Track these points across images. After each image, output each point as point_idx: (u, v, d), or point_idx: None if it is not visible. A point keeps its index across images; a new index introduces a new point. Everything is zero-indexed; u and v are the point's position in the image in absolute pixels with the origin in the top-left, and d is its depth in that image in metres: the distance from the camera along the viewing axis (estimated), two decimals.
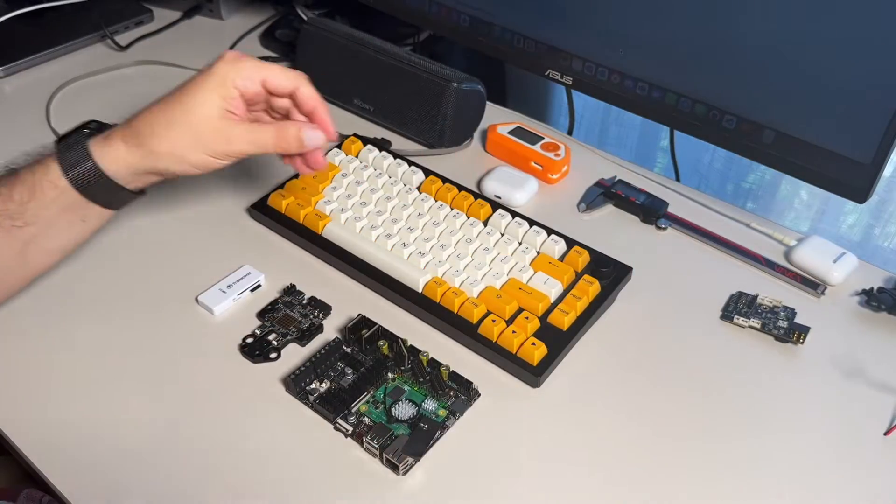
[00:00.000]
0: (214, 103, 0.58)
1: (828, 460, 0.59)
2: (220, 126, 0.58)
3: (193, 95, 0.58)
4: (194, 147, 0.59)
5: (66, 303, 0.69)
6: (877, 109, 0.63)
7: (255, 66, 0.60)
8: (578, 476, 0.57)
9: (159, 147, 0.59)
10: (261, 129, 0.60)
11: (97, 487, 0.56)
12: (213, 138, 0.59)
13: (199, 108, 0.58)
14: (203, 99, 0.58)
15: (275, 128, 0.60)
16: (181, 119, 0.58)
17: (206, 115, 0.58)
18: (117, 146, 0.59)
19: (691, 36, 0.71)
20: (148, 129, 0.59)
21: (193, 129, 0.58)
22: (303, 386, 0.61)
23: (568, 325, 0.65)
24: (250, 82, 0.59)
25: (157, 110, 0.59)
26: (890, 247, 1.09)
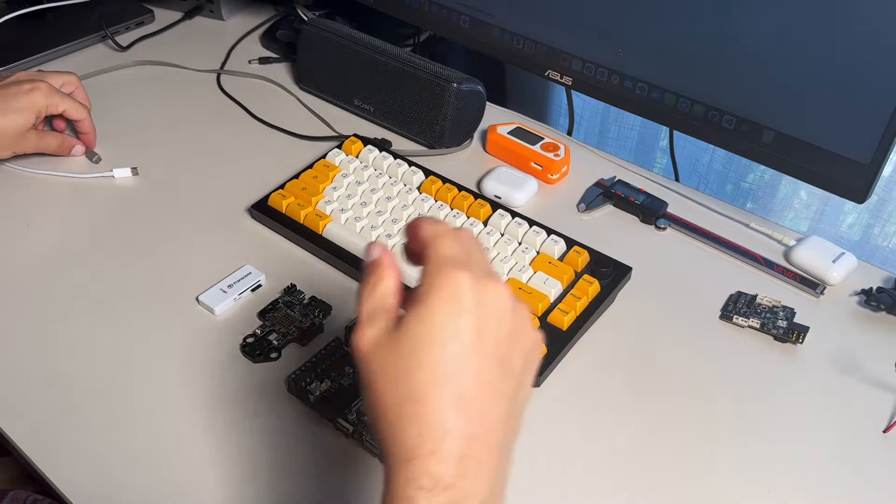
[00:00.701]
0: (30, 123, 0.79)
1: (827, 459, 0.59)
2: (26, 134, 0.79)
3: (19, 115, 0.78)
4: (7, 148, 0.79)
5: (67, 303, 0.69)
6: (876, 109, 0.64)
7: (61, 99, 0.80)
8: (578, 475, 0.58)
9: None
10: (49, 137, 0.82)
11: (97, 487, 0.56)
12: (20, 143, 0.80)
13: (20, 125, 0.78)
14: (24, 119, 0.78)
15: (59, 140, 0.83)
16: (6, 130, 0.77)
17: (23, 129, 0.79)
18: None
19: (691, 36, 0.71)
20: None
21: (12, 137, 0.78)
22: (303, 385, 0.62)
23: (567, 325, 0.65)
24: (55, 109, 0.80)
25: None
26: (889, 247, 1.10)
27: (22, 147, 0.80)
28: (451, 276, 0.39)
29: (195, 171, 0.84)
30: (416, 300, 0.39)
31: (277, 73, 1.00)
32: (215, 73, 0.98)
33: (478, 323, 0.38)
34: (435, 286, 0.39)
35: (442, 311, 0.38)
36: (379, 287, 0.41)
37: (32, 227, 0.76)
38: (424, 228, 0.42)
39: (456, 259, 0.40)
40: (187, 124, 0.90)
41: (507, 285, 0.40)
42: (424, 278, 0.40)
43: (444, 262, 0.40)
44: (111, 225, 0.77)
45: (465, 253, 0.41)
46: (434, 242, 0.41)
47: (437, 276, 0.39)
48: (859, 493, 0.57)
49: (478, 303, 0.38)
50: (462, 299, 0.38)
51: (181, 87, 0.96)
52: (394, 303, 0.41)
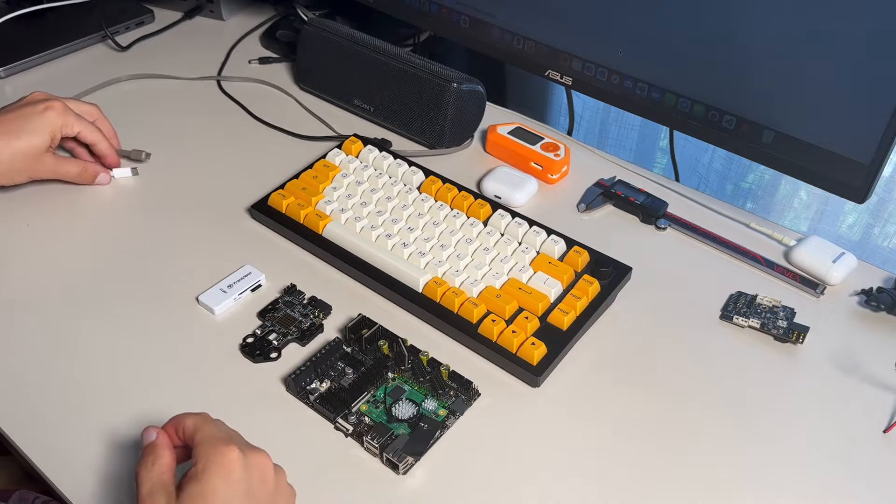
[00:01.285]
0: (45, 144, 0.75)
1: (827, 459, 0.59)
2: (42, 158, 0.76)
3: (33, 136, 0.74)
4: (23, 172, 0.76)
5: (67, 303, 0.69)
6: (876, 109, 0.64)
7: (76, 120, 0.77)
8: (578, 475, 0.58)
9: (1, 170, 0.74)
10: (68, 164, 0.78)
11: (97, 487, 0.56)
12: (37, 167, 0.76)
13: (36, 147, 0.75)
14: (39, 141, 0.75)
15: (80, 166, 0.79)
16: (21, 153, 0.74)
17: (39, 152, 0.75)
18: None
19: (691, 36, 0.71)
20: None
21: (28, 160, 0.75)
22: (303, 385, 0.62)
23: (568, 325, 0.65)
24: (71, 131, 0.77)
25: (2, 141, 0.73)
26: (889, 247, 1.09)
27: (38, 171, 0.76)
28: (223, 451, 0.47)
29: (195, 171, 0.84)
30: (193, 476, 0.46)
31: (277, 73, 1.00)
32: (215, 73, 0.98)
33: (248, 486, 0.47)
34: (211, 461, 0.46)
35: (217, 481, 0.46)
36: (156, 466, 0.48)
37: (32, 227, 0.76)
38: (185, 421, 0.50)
39: (223, 437, 0.48)
40: (187, 124, 0.90)
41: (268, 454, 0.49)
42: (198, 457, 0.47)
43: (214, 441, 0.48)
44: (111, 225, 0.77)
45: (227, 433, 0.50)
46: (200, 428, 0.49)
47: (210, 454, 0.47)
48: (859, 493, 0.57)
49: (246, 470, 0.47)
50: (233, 469, 0.46)
51: (181, 87, 0.96)
52: (171, 478, 0.48)
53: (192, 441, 0.49)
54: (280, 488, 0.50)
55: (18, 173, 0.75)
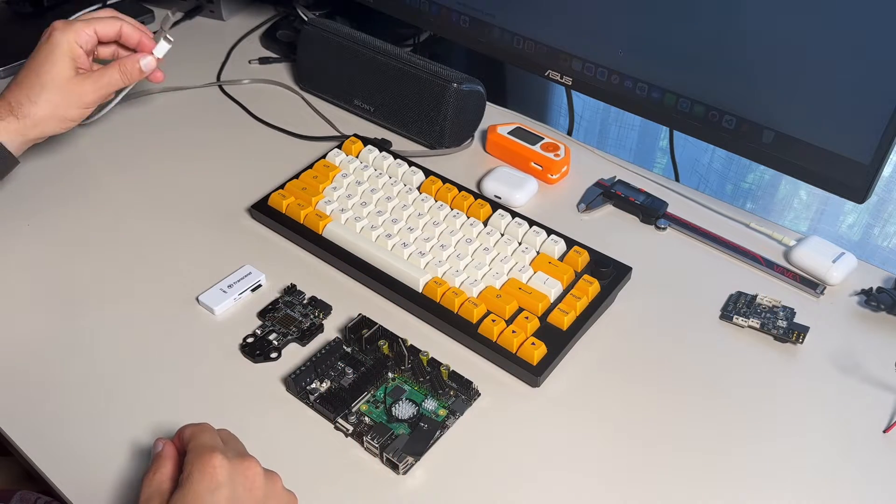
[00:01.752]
0: (68, 65, 0.70)
1: (827, 459, 0.59)
2: (77, 81, 0.71)
3: (52, 64, 0.69)
4: (68, 105, 0.70)
5: (67, 302, 0.69)
6: (875, 109, 0.64)
7: (85, 23, 0.71)
8: (578, 475, 0.58)
9: (41, 111, 0.70)
10: (106, 72, 0.72)
11: (97, 487, 0.56)
12: (79, 93, 0.71)
13: (60, 73, 0.70)
14: (61, 65, 0.70)
15: (116, 67, 0.73)
16: (50, 85, 0.70)
17: (66, 78, 0.70)
18: (7, 120, 0.70)
19: (691, 36, 0.71)
20: (26, 99, 0.69)
21: (62, 90, 0.70)
22: (303, 385, 0.62)
23: (568, 325, 0.66)
24: (87, 37, 0.72)
25: (26, 84, 0.70)
26: (889, 247, 1.09)
27: (84, 97, 0.71)
28: (207, 458, 0.48)
29: (195, 171, 0.84)
30: (180, 483, 0.48)
31: (277, 73, 1.00)
32: (215, 73, 0.98)
33: (232, 492, 0.47)
34: (195, 468, 0.48)
35: (201, 488, 0.47)
36: (157, 475, 0.50)
37: (32, 227, 0.76)
38: (186, 431, 0.52)
39: (211, 445, 0.49)
40: (187, 124, 0.90)
41: (258, 462, 0.50)
42: (185, 465, 0.49)
43: (201, 449, 0.49)
44: (111, 224, 0.77)
45: (220, 441, 0.51)
46: (194, 437, 0.51)
47: (195, 461, 0.48)
48: (859, 493, 0.57)
49: (231, 477, 0.48)
50: (217, 475, 0.47)
51: (181, 88, 0.96)
52: (169, 487, 0.49)
53: (186, 450, 0.50)
54: (273, 494, 0.50)
55: (65, 108, 0.71)
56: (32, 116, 0.70)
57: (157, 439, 0.53)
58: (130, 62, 0.73)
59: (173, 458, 0.51)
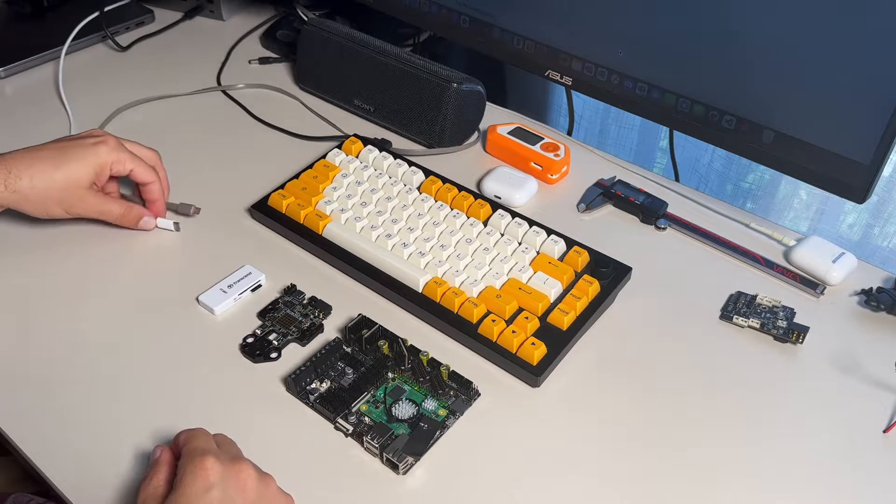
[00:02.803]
0: (89, 178, 0.70)
1: (827, 459, 0.59)
2: (83, 194, 0.70)
3: (76, 167, 0.69)
4: (59, 205, 0.70)
5: (67, 302, 0.69)
6: (875, 109, 0.64)
7: (130, 159, 0.72)
8: (578, 475, 0.58)
9: (33, 197, 0.68)
10: (111, 206, 0.73)
11: (97, 487, 0.56)
12: (76, 203, 0.70)
13: (77, 179, 0.69)
14: (83, 173, 0.69)
15: (123, 208, 0.73)
16: (60, 183, 0.69)
17: (79, 185, 0.69)
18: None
19: (691, 36, 0.71)
20: (28, 181, 0.67)
21: (66, 192, 0.69)
22: (303, 385, 0.62)
23: (567, 325, 0.65)
24: (122, 170, 0.72)
25: (38, 166, 0.68)
26: (889, 247, 1.09)
27: (76, 206, 0.70)
28: (199, 461, 0.49)
29: (195, 171, 0.84)
30: (174, 487, 0.49)
31: (277, 74, 1.00)
32: (215, 74, 0.98)
33: (224, 494, 0.48)
34: (187, 471, 0.48)
35: (192, 490, 0.47)
36: (153, 479, 0.51)
37: (31, 226, 0.76)
38: (181, 436, 0.53)
39: (204, 448, 0.50)
40: (187, 124, 0.90)
41: (252, 465, 0.50)
42: (179, 469, 0.50)
43: (194, 452, 0.50)
44: (110, 224, 0.77)
45: (214, 444, 0.52)
46: (188, 441, 0.51)
47: (188, 464, 0.49)
48: (859, 493, 0.57)
49: (223, 479, 0.48)
50: (209, 477, 0.48)
51: (181, 88, 0.96)
52: (164, 491, 0.50)
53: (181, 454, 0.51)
54: (267, 496, 0.50)
55: (55, 205, 0.69)
56: (21, 194, 0.67)
57: (155, 446, 0.54)
58: (136, 213, 0.74)
59: (169, 463, 0.52)
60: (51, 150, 0.69)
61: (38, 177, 0.68)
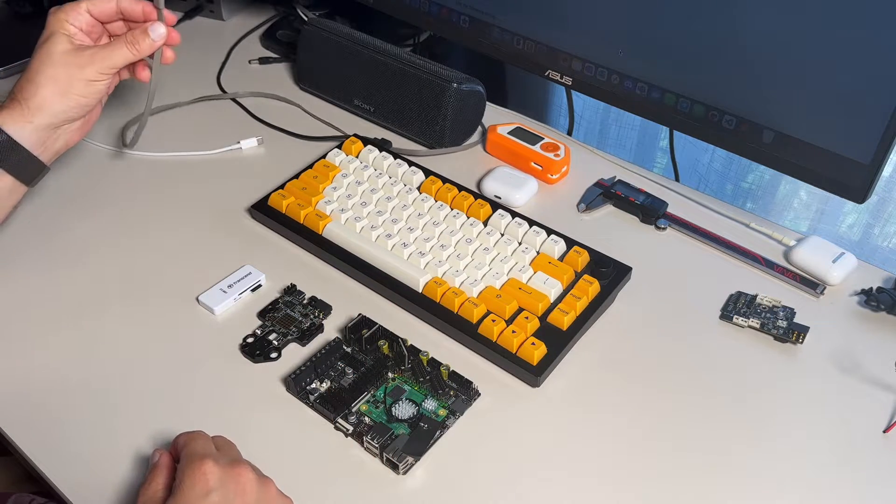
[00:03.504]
0: (62, 41, 0.64)
1: (827, 459, 0.59)
2: (74, 52, 0.65)
3: (45, 43, 0.65)
4: (68, 78, 0.64)
5: (68, 303, 0.69)
6: (876, 109, 0.64)
7: (75, 3, 0.66)
8: (578, 475, 0.58)
9: (45, 93, 0.64)
10: (109, 44, 0.66)
11: (97, 487, 0.56)
12: (77, 64, 0.64)
13: (54, 49, 0.64)
14: (53, 42, 0.64)
15: (121, 38, 0.67)
16: (46, 61, 0.64)
17: (60, 51, 0.64)
18: (15, 118, 0.64)
19: (691, 36, 0.71)
20: (27, 83, 0.65)
21: (58, 63, 0.64)
22: (303, 385, 0.62)
23: (568, 325, 0.65)
24: (79, 15, 0.66)
25: (26, 73, 0.65)
26: (889, 247, 1.09)
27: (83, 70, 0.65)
28: (198, 464, 0.49)
29: (195, 171, 0.84)
30: (173, 490, 0.49)
31: (277, 74, 1.00)
32: (215, 74, 0.98)
33: (223, 497, 0.48)
34: (186, 475, 0.49)
35: (192, 494, 0.47)
36: (153, 484, 0.51)
37: (32, 229, 0.76)
38: (180, 439, 0.53)
39: (203, 452, 0.50)
40: (187, 124, 0.90)
41: (251, 468, 0.50)
42: (178, 473, 0.50)
43: (193, 455, 0.50)
44: (111, 225, 0.77)
45: (213, 448, 0.52)
46: (186, 445, 0.52)
47: (187, 468, 0.49)
48: (859, 493, 0.57)
49: (222, 482, 0.48)
50: (208, 481, 0.48)
51: (181, 88, 0.96)
52: (163, 496, 0.50)
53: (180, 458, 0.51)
54: (266, 499, 0.50)
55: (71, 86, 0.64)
56: (36, 97, 0.64)
57: (154, 450, 0.54)
58: (137, 31, 0.66)
59: (168, 467, 0.52)
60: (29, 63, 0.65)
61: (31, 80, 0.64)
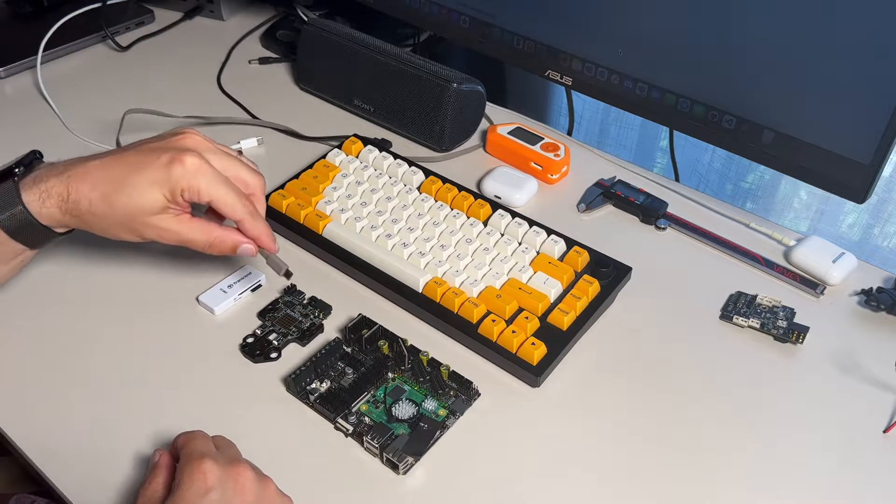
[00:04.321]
0: (157, 204, 0.58)
1: (827, 459, 0.59)
2: (156, 220, 0.59)
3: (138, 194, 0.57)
4: (127, 231, 0.59)
5: (68, 303, 0.69)
6: (876, 109, 0.64)
7: (209, 183, 0.58)
8: (578, 475, 0.58)
9: (95, 224, 0.59)
10: (195, 231, 0.60)
11: (97, 487, 0.56)
12: (147, 229, 0.59)
13: (139, 208, 0.57)
14: (148, 198, 0.57)
15: (212, 238, 0.61)
16: (121, 209, 0.57)
17: (146, 211, 0.58)
18: (52, 210, 0.58)
19: (691, 36, 0.71)
20: (87, 205, 0.58)
21: (131, 218, 0.58)
22: (303, 385, 0.62)
23: (567, 325, 0.65)
24: (197, 198, 0.58)
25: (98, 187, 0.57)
26: (889, 247, 1.10)
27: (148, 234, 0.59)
28: (196, 463, 0.48)
29: None
30: (172, 490, 0.49)
31: (277, 74, 1.00)
32: (215, 74, 0.98)
33: (222, 497, 0.48)
34: (185, 474, 0.48)
35: (190, 493, 0.47)
36: (152, 484, 0.51)
37: None
38: (179, 439, 0.53)
39: (202, 451, 0.50)
40: (187, 124, 0.90)
41: (250, 467, 0.50)
42: (177, 473, 0.49)
43: (192, 455, 0.50)
44: None
45: (213, 447, 0.52)
46: (185, 445, 0.51)
47: (186, 467, 0.49)
48: (859, 493, 0.57)
49: (221, 482, 0.48)
50: (207, 480, 0.48)
51: (181, 88, 0.96)
52: (162, 496, 0.50)
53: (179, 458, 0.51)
54: (265, 498, 0.50)
55: (122, 231, 0.59)
56: (81, 219, 0.58)
57: (154, 450, 0.54)
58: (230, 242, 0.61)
59: (168, 467, 0.52)
60: (120, 167, 0.57)
61: (98, 204, 0.57)
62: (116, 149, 0.61)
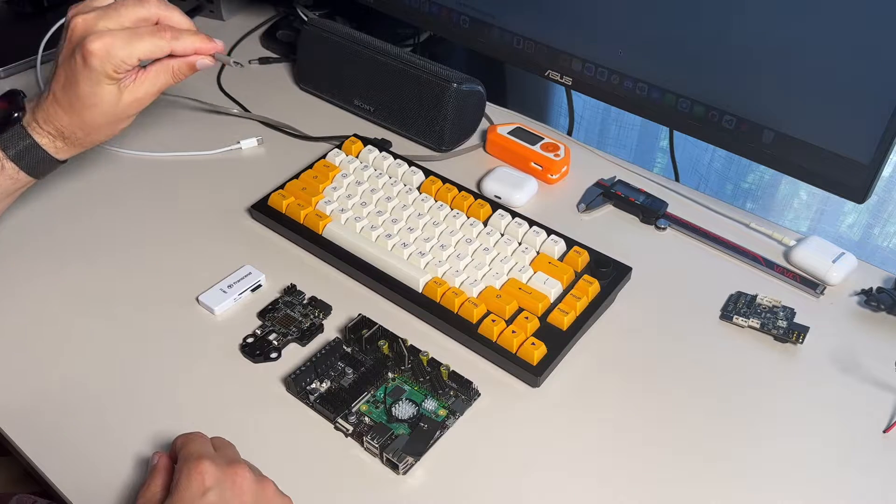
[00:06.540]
0: (114, 93, 0.63)
1: (827, 459, 0.59)
2: (124, 98, 0.63)
3: (95, 96, 0.62)
4: (119, 122, 0.65)
5: (67, 303, 0.69)
6: (875, 109, 0.64)
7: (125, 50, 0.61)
8: (578, 475, 0.58)
9: (97, 139, 0.66)
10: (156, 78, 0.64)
11: (97, 487, 0.56)
12: (127, 109, 0.64)
13: (107, 105, 0.63)
14: (106, 98, 0.62)
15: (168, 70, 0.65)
16: (100, 118, 0.63)
17: (112, 102, 0.63)
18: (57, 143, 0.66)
19: (690, 36, 0.71)
20: (81, 134, 0.65)
21: (113, 114, 0.64)
22: (303, 386, 0.62)
23: (567, 325, 0.65)
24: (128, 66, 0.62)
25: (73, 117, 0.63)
26: (889, 247, 1.10)
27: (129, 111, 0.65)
28: (194, 464, 0.49)
29: (195, 171, 0.84)
30: (170, 491, 0.49)
31: (277, 74, 1.00)
32: (215, 74, 0.98)
33: (220, 497, 0.48)
34: (183, 475, 0.49)
35: (188, 494, 0.48)
36: (151, 486, 0.51)
37: (33, 230, 0.76)
38: (178, 440, 0.53)
39: (199, 452, 0.50)
40: (187, 124, 0.90)
41: (248, 468, 0.51)
42: (175, 474, 0.50)
43: (190, 456, 0.50)
44: (111, 225, 0.77)
45: (211, 448, 0.52)
46: (183, 446, 0.52)
47: (183, 468, 0.49)
48: (859, 493, 0.57)
49: (218, 482, 0.49)
50: (204, 481, 0.48)
51: (180, 88, 0.96)
52: (161, 497, 0.50)
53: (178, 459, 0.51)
54: (264, 499, 0.50)
55: (114, 128, 0.66)
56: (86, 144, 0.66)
57: (154, 453, 0.54)
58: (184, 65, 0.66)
59: (166, 469, 0.52)
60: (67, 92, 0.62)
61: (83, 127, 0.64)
62: (51, 75, 0.64)
